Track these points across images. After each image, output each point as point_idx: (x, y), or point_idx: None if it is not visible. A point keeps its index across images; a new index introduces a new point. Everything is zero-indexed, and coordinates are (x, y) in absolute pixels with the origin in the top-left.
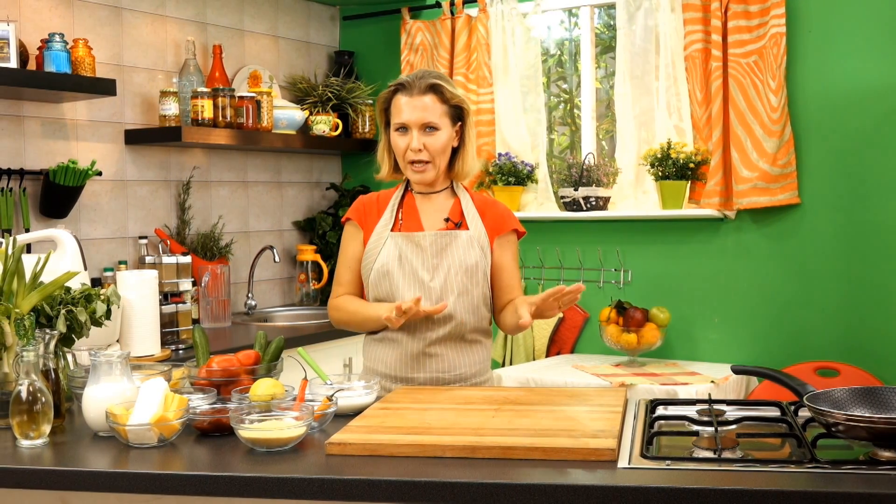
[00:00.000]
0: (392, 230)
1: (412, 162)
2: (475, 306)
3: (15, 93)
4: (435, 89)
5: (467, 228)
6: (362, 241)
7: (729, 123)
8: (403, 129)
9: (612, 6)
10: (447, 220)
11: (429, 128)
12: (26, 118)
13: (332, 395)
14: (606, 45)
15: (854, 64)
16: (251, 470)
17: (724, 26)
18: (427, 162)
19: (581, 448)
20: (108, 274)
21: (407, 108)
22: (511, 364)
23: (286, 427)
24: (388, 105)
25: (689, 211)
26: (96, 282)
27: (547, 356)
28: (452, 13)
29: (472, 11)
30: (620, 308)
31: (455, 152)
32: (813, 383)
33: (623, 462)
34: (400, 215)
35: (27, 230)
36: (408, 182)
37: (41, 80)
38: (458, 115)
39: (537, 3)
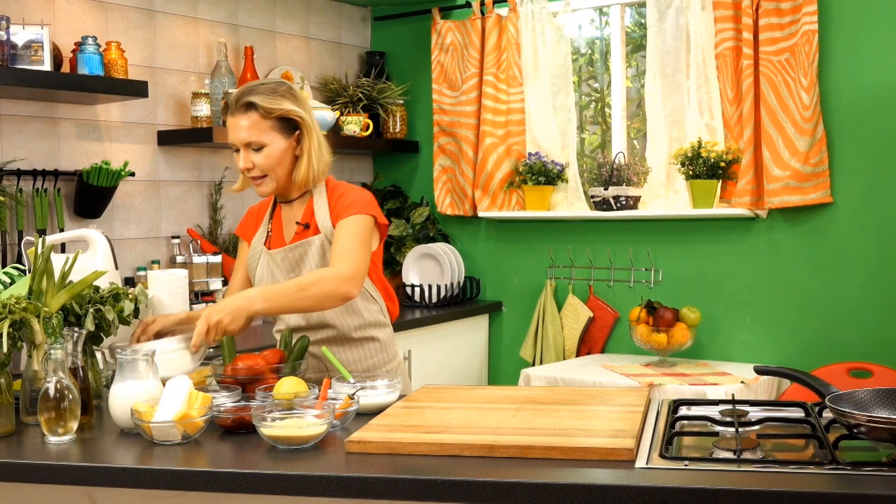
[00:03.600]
0: (265, 244)
1: (252, 178)
2: (349, 307)
3: (49, 95)
4: (252, 106)
5: (318, 231)
6: (248, 256)
7: (760, 122)
8: (236, 148)
9: (643, 5)
10: (298, 223)
11: (254, 146)
12: (60, 120)
13: (354, 394)
14: (637, 44)
15: (887, 61)
16: (272, 467)
17: (756, 24)
18: (263, 176)
19: (599, 448)
20: (141, 273)
21: (231, 129)
22: (541, 363)
23: (307, 425)
24: (225, 125)
25: (720, 210)
26: (129, 281)
27: (577, 356)
28: (483, 13)
29: (503, 11)
30: (650, 308)
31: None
32: (846, 384)
33: (641, 462)
34: (269, 228)
35: (61, 230)
36: None
37: (74, 83)
38: (293, 124)
39: (567, 3)
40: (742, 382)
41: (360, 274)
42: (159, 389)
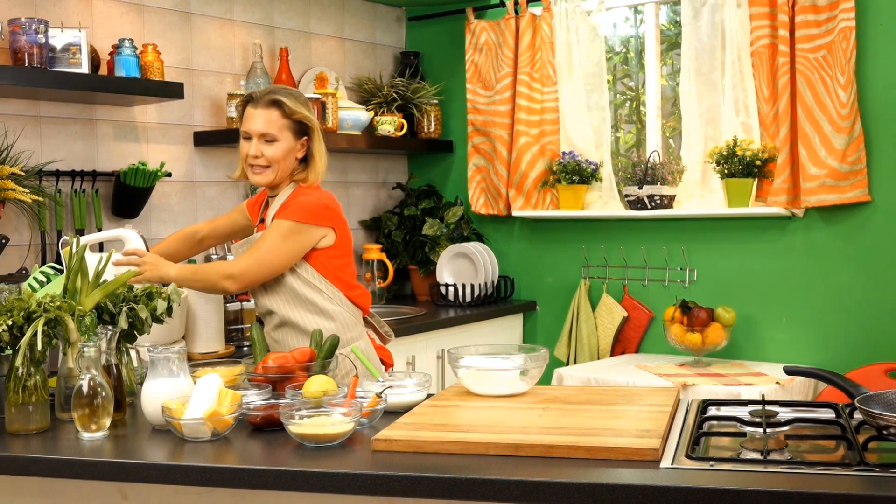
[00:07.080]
0: (256, 230)
1: (251, 165)
2: (294, 296)
3: (87, 97)
4: (277, 104)
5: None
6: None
7: (797, 120)
8: (248, 136)
9: (678, 2)
10: (262, 220)
11: (268, 139)
12: (98, 121)
13: (382, 392)
14: (672, 42)
15: None
16: (298, 464)
17: (792, 21)
18: (266, 167)
19: (624, 447)
20: None
21: (250, 118)
22: (575, 363)
23: (334, 423)
24: (241, 114)
25: (755, 209)
26: None
27: (611, 356)
28: (517, 12)
29: (537, 10)
30: (685, 307)
31: (305, 162)
32: (884, 385)
33: (666, 462)
34: (263, 216)
35: (99, 230)
36: None
37: (111, 85)
38: (303, 129)
39: (601, 1)
40: (777, 383)
41: (246, 274)
42: (190, 387)
